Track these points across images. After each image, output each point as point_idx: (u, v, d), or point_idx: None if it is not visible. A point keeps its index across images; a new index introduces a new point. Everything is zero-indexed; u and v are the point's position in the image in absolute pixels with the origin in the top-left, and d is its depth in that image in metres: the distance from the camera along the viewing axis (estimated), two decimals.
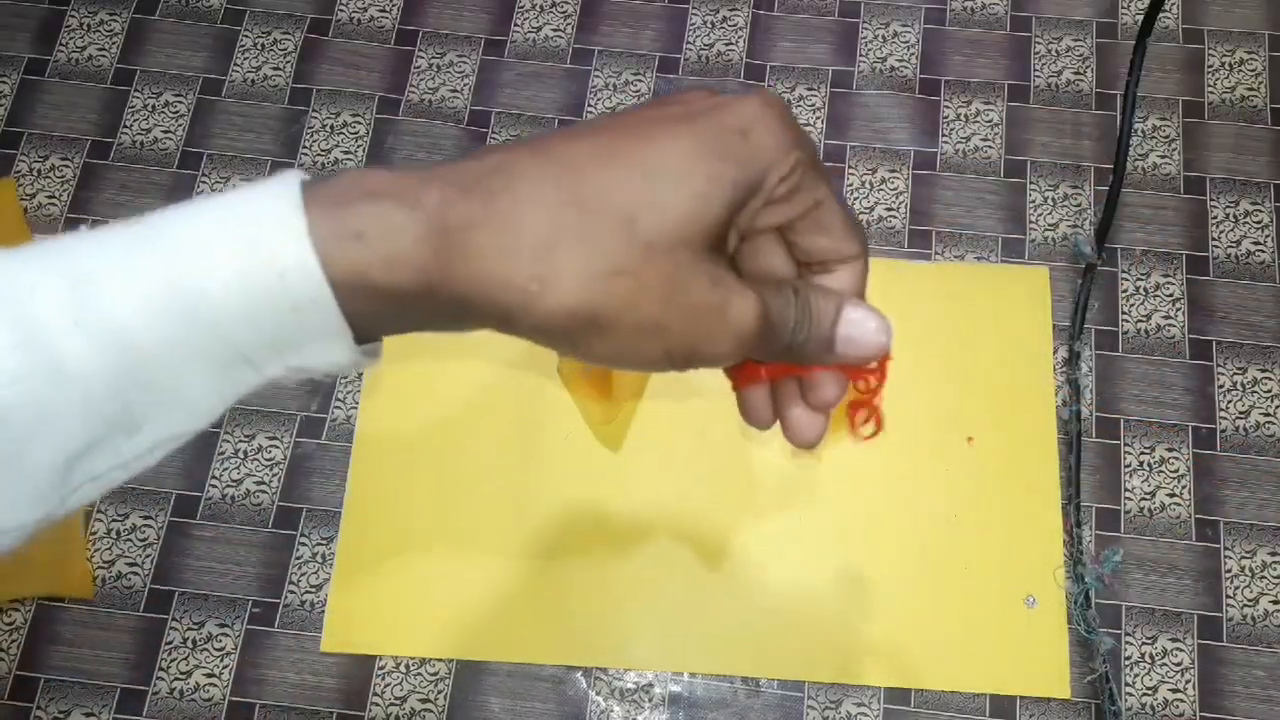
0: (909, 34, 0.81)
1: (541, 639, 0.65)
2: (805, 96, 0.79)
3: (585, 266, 0.26)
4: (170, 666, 0.65)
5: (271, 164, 0.78)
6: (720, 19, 0.82)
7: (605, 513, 0.68)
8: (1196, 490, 0.68)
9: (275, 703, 0.65)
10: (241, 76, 0.80)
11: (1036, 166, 0.77)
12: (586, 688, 0.65)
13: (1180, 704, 0.64)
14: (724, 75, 0.80)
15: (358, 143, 0.78)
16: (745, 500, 0.68)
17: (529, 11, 0.82)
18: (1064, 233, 0.75)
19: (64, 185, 0.77)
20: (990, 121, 0.78)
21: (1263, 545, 0.67)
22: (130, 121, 0.79)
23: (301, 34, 0.82)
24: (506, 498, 0.68)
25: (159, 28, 0.82)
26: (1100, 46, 0.80)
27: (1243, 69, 0.79)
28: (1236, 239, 0.74)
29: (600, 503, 0.68)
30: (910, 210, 0.76)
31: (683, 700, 0.64)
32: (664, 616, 0.66)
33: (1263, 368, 0.71)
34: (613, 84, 0.80)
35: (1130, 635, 0.65)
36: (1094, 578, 0.65)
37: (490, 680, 0.65)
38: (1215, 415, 0.70)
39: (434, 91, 0.80)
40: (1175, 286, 0.73)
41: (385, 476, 0.69)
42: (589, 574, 0.67)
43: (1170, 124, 0.78)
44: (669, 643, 0.65)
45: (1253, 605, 0.65)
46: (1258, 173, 0.76)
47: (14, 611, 0.66)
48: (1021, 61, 0.80)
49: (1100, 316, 0.72)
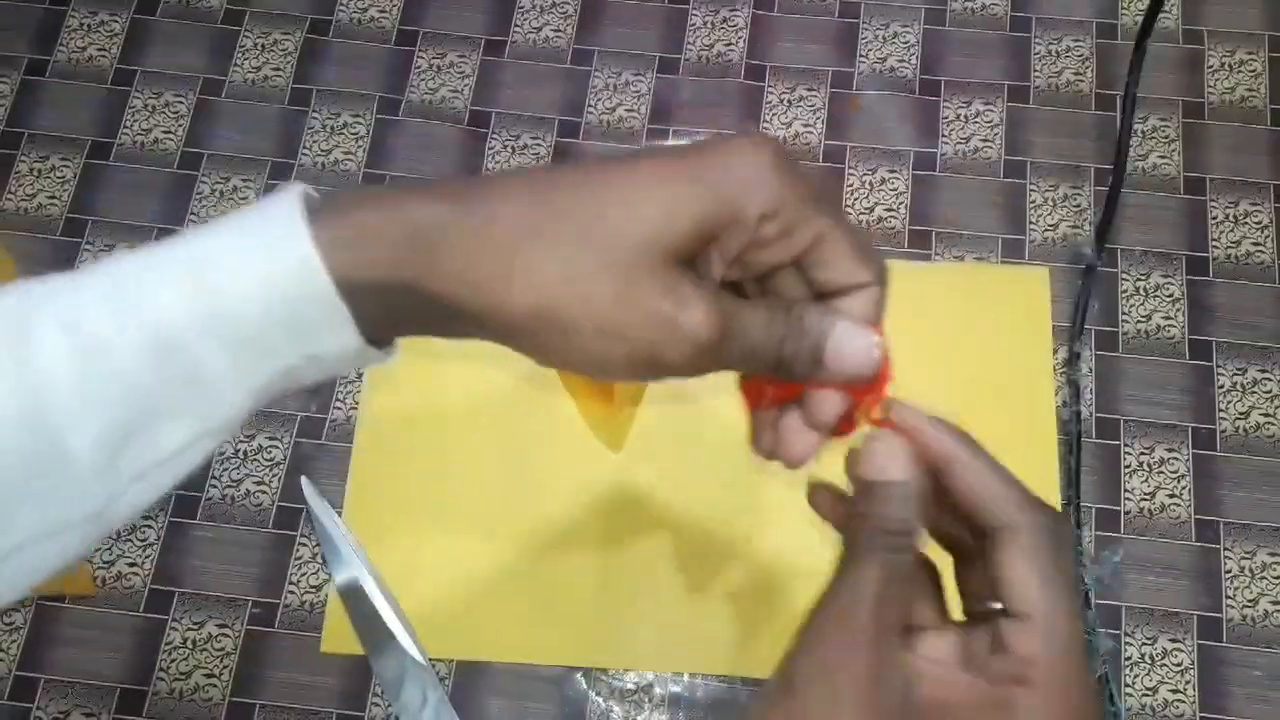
0: (909, 34, 0.81)
1: (541, 639, 0.65)
2: (805, 96, 0.79)
3: (545, 268, 0.28)
4: (170, 666, 0.65)
5: (271, 164, 0.78)
6: (720, 19, 0.82)
7: (606, 513, 0.68)
8: (1196, 490, 0.68)
9: (275, 703, 0.65)
10: (241, 77, 0.81)
11: (1036, 167, 0.77)
12: (586, 688, 0.65)
13: (1180, 704, 0.64)
14: (724, 75, 0.80)
15: (358, 143, 0.78)
16: (746, 500, 0.68)
17: (529, 11, 0.82)
18: (1064, 233, 0.75)
19: (64, 185, 0.77)
20: (990, 122, 0.78)
21: (1263, 545, 0.67)
22: (130, 122, 0.79)
23: (301, 34, 0.82)
24: (507, 497, 0.68)
25: (159, 28, 0.82)
26: (1100, 47, 0.80)
27: (1243, 69, 0.79)
28: (1236, 239, 0.74)
29: (601, 503, 0.68)
30: (910, 210, 0.76)
31: (683, 700, 0.64)
32: (664, 616, 0.66)
33: (1263, 368, 0.71)
34: (613, 84, 0.80)
35: (1130, 635, 0.65)
36: (1093, 578, 0.65)
37: (490, 680, 0.65)
38: (1215, 415, 0.70)
39: (434, 92, 0.80)
40: (1175, 287, 0.73)
41: (385, 477, 0.69)
42: (589, 574, 0.67)
43: (1170, 124, 0.78)
44: (669, 643, 0.65)
45: (1253, 605, 0.65)
46: (1258, 173, 0.76)
47: (14, 611, 0.66)
48: (1021, 62, 0.80)
49: (1100, 317, 0.72)
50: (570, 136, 0.79)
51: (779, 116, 0.79)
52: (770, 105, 0.79)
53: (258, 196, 0.77)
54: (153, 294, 0.28)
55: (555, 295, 0.28)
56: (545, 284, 0.28)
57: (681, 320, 0.29)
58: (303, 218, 0.28)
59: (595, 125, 0.79)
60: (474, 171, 0.77)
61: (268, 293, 0.28)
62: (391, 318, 0.29)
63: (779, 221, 0.30)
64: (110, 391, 0.28)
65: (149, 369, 0.28)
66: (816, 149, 0.78)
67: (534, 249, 0.28)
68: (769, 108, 0.79)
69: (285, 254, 0.28)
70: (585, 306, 0.28)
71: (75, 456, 0.28)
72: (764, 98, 0.79)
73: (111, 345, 0.28)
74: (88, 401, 0.28)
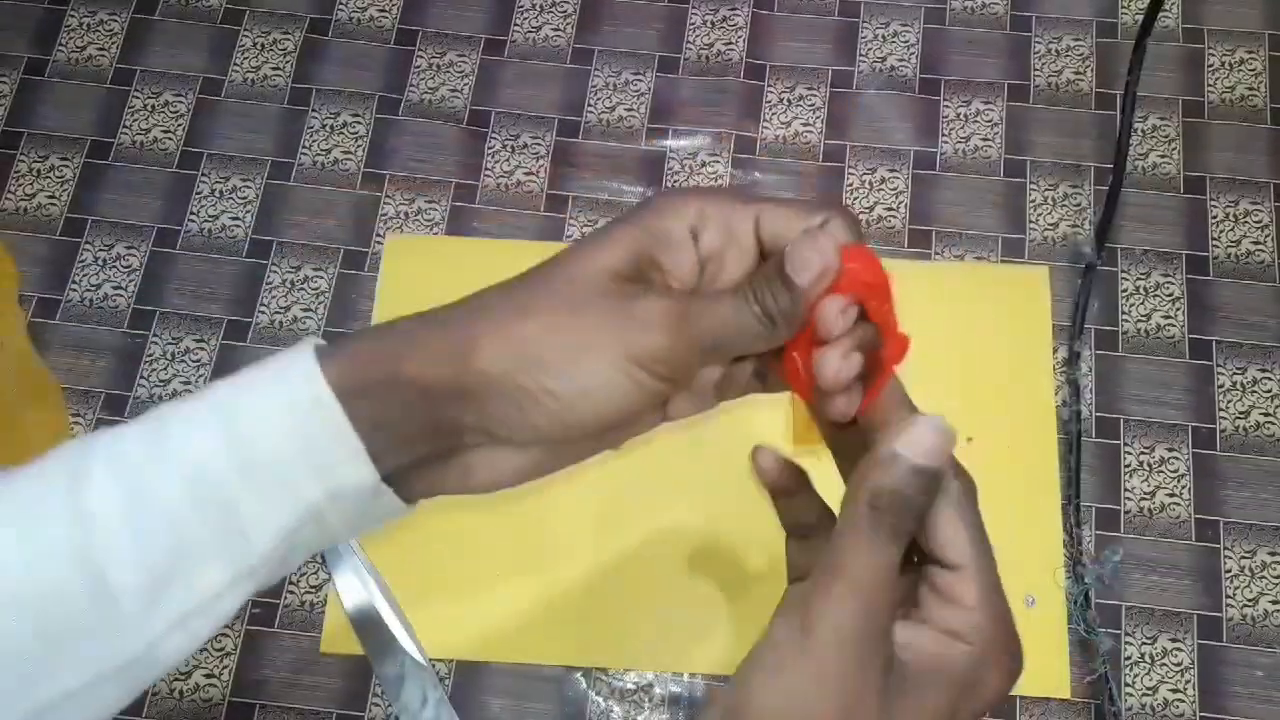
0: (909, 34, 0.81)
1: (541, 639, 0.65)
2: (805, 96, 0.79)
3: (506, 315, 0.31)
4: None
5: (271, 163, 0.78)
6: (720, 19, 0.82)
7: (606, 513, 0.68)
8: (1196, 490, 0.68)
9: (275, 703, 0.65)
10: (241, 76, 0.80)
11: (1036, 166, 0.77)
12: (586, 688, 0.65)
13: (1180, 704, 0.64)
14: (724, 75, 0.80)
15: (357, 142, 0.78)
16: (746, 501, 0.68)
17: (529, 11, 0.82)
18: (1064, 232, 0.75)
19: (64, 185, 0.77)
20: (990, 121, 0.78)
21: (1263, 545, 0.67)
22: (130, 121, 0.79)
23: (301, 34, 0.82)
24: (507, 497, 0.68)
25: (159, 28, 0.82)
26: (1100, 46, 0.80)
27: (1243, 69, 0.79)
28: (1236, 239, 0.74)
29: (601, 503, 0.68)
30: (910, 210, 0.76)
31: (683, 700, 0.64)
32: (664, 616, 0.66)
33: (1263, 368, 0.71)
34: (613, 84, 0.80)
35: (1130, 635, 0.65)
36: (1094, 578, 0.65)
37: (490, 680, 0.65)
38: (1215, 415, 0.70)
39: (434, 91, 0.80)
40: (1175, 286, 0.73)
41: None
42: (589, 574, 0.67)
43: (1170, 124, 0.78)
44: (669, 643, 0.65)
45: (1253, 605, 0.65)
46: (1258, 173, 0.76)
47: None
48: (1021, 61, 0.80)
49: (1100, 316, 0.72)
50: (570, 135, 0.78)
51: (779, 116, 0.79)
52: (770, 104, 0.79)
53: (257, 196, 0.77)
54: (187, 437, 0.30)
55: (519, 332, 0.31)
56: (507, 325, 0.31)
57: (636, 308, 0.31)
58: (315, 362, 0.31)
59: (595, 124, 0.79)
60: (473, 169, 0.78)
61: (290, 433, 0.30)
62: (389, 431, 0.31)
63: (713, 226, 0.33)
64: (154, 531, 0.29)
65: (188, 510, 0.30)
66: (816, 148, 0.78)
67: (497, 307, 0.32)
68: (768, 107, 0.79)
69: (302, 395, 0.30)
70: (547, 331, 0.31)
71: (117, 597, 0.29)
72: (764, 97, 0.79)
73: (155, 487, 0.30)
74: (133, 541, 0.29)
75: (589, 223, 0.76)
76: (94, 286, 0.75)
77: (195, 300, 0.74)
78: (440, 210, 0.76)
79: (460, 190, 0.77)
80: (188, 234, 0.76)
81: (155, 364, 0.72)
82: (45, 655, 0.29)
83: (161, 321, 0.74)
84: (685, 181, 0.77)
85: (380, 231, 0.76)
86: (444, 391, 0.31)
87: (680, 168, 0.77)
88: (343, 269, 0.75)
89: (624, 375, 0.31)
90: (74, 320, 0.74)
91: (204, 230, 0.76)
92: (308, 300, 0.74)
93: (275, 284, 0.74)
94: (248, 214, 0.76)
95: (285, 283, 0.74)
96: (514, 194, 0.77)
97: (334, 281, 0.75)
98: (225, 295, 0.74)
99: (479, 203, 0.77)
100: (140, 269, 0.75)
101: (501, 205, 0.77)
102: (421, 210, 0.76)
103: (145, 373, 0.72)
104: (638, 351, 0.31)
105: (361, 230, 0.76)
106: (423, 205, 0.77)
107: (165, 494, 0.30)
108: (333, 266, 0.75)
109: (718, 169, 0.77)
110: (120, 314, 0.74)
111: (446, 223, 0.76)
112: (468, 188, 0.77)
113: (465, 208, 0.77)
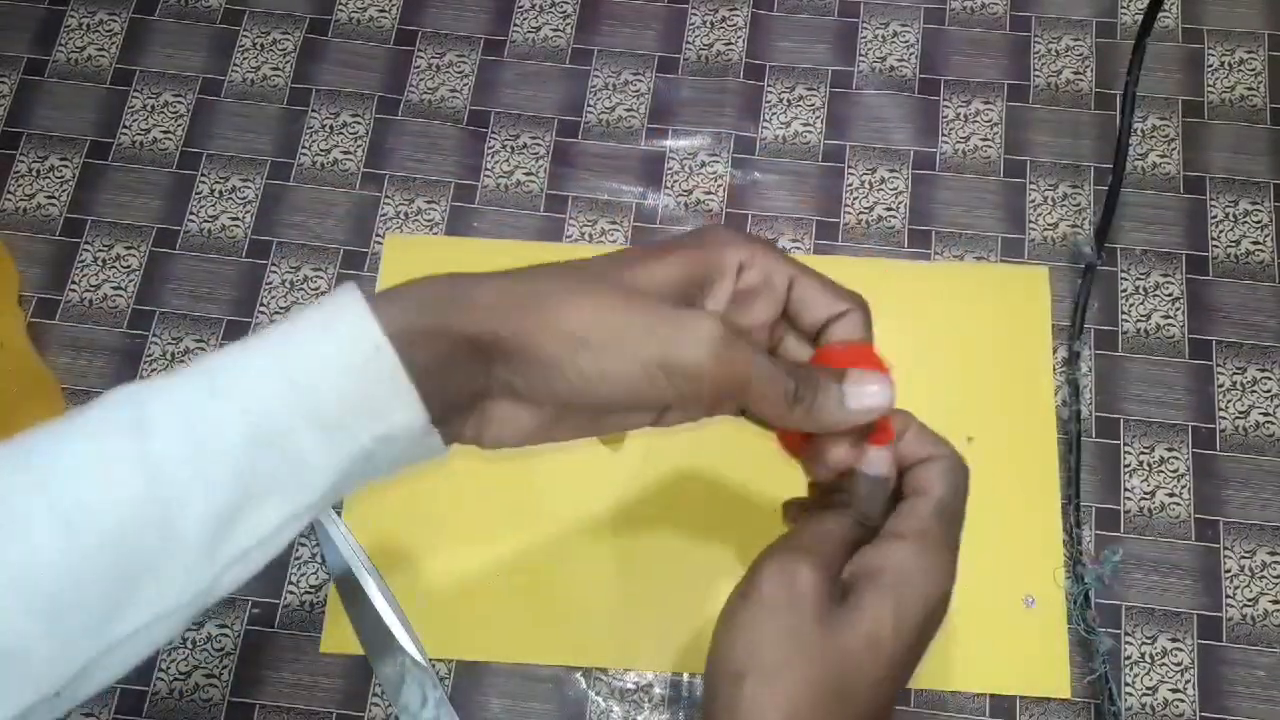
0: (909, 34, 0.81)
1: (541, 639, 0.65)
2: (805, 96, 0.79)
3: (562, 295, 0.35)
4: (170, 666, 0.65)
5: (271, 163, 0.78)
6: (720, 19, 0.82)
7: (605, 513, 0.68)
8: (1196, 490, 0.68)
9: (275, 703, 0.65)
10: (241, 76, 0.81)
11: (1036, 166, 0.77)
12: (586, 688, 0.65)
13: (1180, 704, 0.64)
14: (724, 75, 0.80)
15: (357, 142, 0.78)
16: (746, 501, 0.68)
17: (529, 11, 0.82)
18: (1064, 232, 0.75)
19: (64, 185, 0.77)
20: (990, 121, 0.78)
21: (1263, 545, 0.67)
22: (130, 122, 0.79)
23: (301, 34, 0.82)
24: (507, 496, 0.68)
25: (158, 28, 0.82)
26: (1100, 46, 0.80)
27: (1243, 69, 0.79)
28: (1236, 239, 0.74)
29: (600, 503, 0.68)
30: (909, 210, 0.76)
31: (683, 700, 0.64)
32: (664, 616, 0.66)
33: (1263, 368, 0.71)
34: (612, 84, 0.80)
35: (1130, 635, 0.65)
36: (1094, 578, 0.65)
37: (490, 680, 0.65)
38: (1215, 415, 0.70)
39: (434, 91, 0.80)
40: (1175, 286, 0.73)
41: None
42: (589, 574, 0.67)
43: (1170, 124, 0.78)
44: (669, 643, 0.65)
45: (1253, 605, 0.65)
46: (1258, 173, 0.76)
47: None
48: (1021, 61, 0.80)
49: (1100, 316, 0.72)
50: (570, 136, 0.78)
51: (778, 116, 0.79)
52: (770, 105, 0.79)
53: (257, 196, 0.77)
54: (250, 386, 0.32)
55: (574, 309, 0.34)
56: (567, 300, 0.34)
57: (687, 322, 0.35)
58: (368, 310, 0.33)
59: (595, 125, 0.79)
60: (473, 170, 0.78)
61: (350, 379, 0.33)
62: (435, 378, 0.34)
63: (756, 270, 0.38)
64: (220, 474, 0.31)
65: (252, 455, 0.32)
66: (816, 149, 0.78)
67: (558, 280, 0.35)
68: (768, 107, 0.79)
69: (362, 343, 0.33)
70: (599, 315, 0.34)
71: (186, 539, 0.31)
72: (763, 97, 0.79)
73: (218, 433, 0.32)
74: (199, 483, 0.31)
75: (588, 223, 0.76)
76: (94, 286, 0.75)
77: (195, 300, 0.74)
78: (440, 210, 0.76)
79: (460, 190, 0.77)
80: (187, 234, 0.76)
81: (155, 364, 0.72)
82: (122, 596, 0.31)
83: (161, 321, 0.74)
84: (685, 181, 0.77)
85: (380, 231, 0.76)
86: (489, 346, 0.34)
87: (680, 168, 0.77)
88: (342, 269, 0.75)
89: (646, 375, 0.34)
90: (73, 320, 0.74)
91: (204, 230, 0.76)
92: (308, 300, 0.74)
93: (275, 284, 0.74)
94: (247, 214, 0.76)
95: (285, 283, 0.75)
96: (514, 194, 0.77)
97: (334, 281, 0.75)
98: (225, 295, 0.74)
99: (478, 203, 0.77)
100: (140, 269, 0.75)
101: (501, 205, 0.77)
102: (421, 210, 0.76)
103: (145, 372, 0.72)
104: (673, 360, 0.34)
105: (361, 230, 0.76)
106: (422, 205, 0.77)
107: (229, 440, 0.31)
108: (332, 266, 0.75)
109: (717, 169, 0.77)
110: (120, 314, 0.74)
111: (446, 223, 0.76)
112: (467, 188, 0.77)
113: (465, 208, 0.77)
